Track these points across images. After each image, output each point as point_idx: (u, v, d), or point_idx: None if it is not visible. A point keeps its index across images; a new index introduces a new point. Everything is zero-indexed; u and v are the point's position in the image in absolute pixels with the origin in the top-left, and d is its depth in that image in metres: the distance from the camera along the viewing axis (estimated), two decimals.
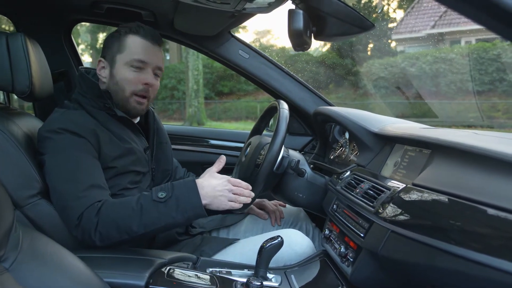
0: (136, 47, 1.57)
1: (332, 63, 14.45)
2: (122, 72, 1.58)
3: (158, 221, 1.37)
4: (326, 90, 14.86)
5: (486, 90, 12.30)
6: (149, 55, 1.58)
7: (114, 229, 1.36)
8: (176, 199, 1.38)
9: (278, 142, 1.60)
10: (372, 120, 1.77)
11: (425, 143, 1.30)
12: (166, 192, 1.39)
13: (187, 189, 1.41)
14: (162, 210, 1.37)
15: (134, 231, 1.36)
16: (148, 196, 1.40)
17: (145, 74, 1.58)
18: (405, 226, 1.11)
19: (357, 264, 1.30)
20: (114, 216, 1.36)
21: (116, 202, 1.41)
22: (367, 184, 1.46)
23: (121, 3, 1.97)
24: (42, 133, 1.49)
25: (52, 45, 2.17)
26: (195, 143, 2.46)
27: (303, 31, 1.24)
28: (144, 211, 1.36)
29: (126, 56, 1.57)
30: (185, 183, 1.43)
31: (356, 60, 13.37)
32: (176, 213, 1.38)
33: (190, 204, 1.39)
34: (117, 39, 1.60)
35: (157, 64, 1.61)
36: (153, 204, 1.37)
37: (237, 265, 1.49)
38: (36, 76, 1.56)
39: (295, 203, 1.82)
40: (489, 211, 0.90)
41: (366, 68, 13.50)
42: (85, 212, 1.37)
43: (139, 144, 1.65)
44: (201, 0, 1.31)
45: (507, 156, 0.95)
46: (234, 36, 2.23)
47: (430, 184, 1.13)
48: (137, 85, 1.58)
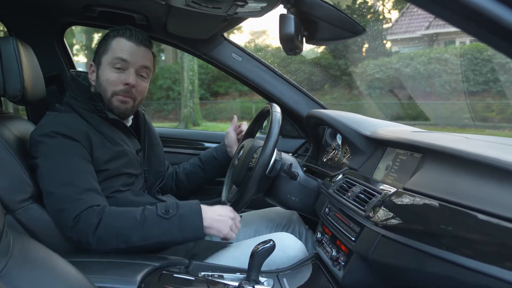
0: (118, 48, 1.58)
1: (327, 64, 14.47)
2: (105, 73, 1.58)
3: (158, 236, 1.40)
4: (321, 90, 14.87)
5: (480, 90, 12.34)
6: (132, 55, 1.58)
7: (114, 235, 1.37)
8: (180, 218, 1.42)
9: (271, 146, 1.60)
10: (364, 123, 1.77)
11: (416, 147, 1.31)
12: (171, 210, 1.43)
13: (191, 211, 1.45)
14: (165, 226, 1.41)
15: (133, 241, 1.38)
16: (153, 210, 1.43)
17: (126, 75, 1.58)
18: (396, 230, 1.11)
19: (348, 268, 1.30)
20: (116, 223, 1.38)
21: (120, 210, 1.43)
22: (358, 187, 1.47)
23: (113, 6, 1.97)
24: (35, 137, 1.48)
25: (44, 48, 2.16)
26: (188, 146, 2.46)
27: (294, 36, 1.24)
28: (147, 223, 1.39)
29: (109, 57, 1.58)
30: (190, 205, 1.48)
31: (351, 60, 13.40)
32: (176, 232, 1.41)
33: (191, 225, 1.43)
34: (105, 42, 1.61)
35: (141, 63, 1.60)
36: (157, 218, 1.41)
37: (230, 269, 1.49)
38: (28, 80, 1.55)
39: (288, 206, 1.82)
40: (479, 216, 0.90)
41: (361, 69, 13.53)
42: (83, 214, 1.37)
43: (131, 146, 1.65)
44: (192, 4, 1.31)
45: (497, 162, 0.95)
46: (227, 39, 2.23)
47: (421, 188, 1.14)
48: (117, 85, 1.58)
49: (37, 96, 1.66)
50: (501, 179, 0.93)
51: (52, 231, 1.43)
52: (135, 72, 1.60)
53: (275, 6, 1.34)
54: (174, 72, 18.79)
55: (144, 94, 1.68)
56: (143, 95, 1.68)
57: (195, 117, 16.72)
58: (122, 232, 1.37)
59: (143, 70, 1.63)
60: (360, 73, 13.73)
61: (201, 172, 2.02)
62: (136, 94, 1.63)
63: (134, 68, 1.59)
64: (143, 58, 1.61)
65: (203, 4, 1.31)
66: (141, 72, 1.62)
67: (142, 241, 1.39)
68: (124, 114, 1.66)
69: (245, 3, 1.29)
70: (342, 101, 14.54)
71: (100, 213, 1.38)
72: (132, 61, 1.58)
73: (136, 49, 1.59)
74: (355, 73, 14.08)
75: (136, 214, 1.40)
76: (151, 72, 1.68)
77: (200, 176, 2.03)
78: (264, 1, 1.29)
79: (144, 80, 1.65)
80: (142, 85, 1.64)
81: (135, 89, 1.61)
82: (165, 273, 1.30)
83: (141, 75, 1.63)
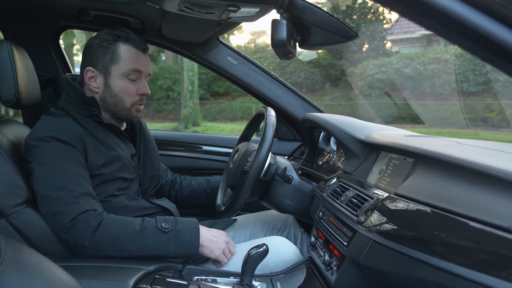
0: (130, 57, 1.59)
1: (328, 64, 14.46)
2: (120, 84, 1.60)
3: (154, 248, 1.42)
4: (322, 90, 14.86)
5: (480, 91, 12.32)
6: (143, 64, 1.62)
7: (111, 243, 1.38)
8: (177, 233, 1.44)
9: (265, 149, 1.60)
10: (358, 127, 1.77)
11: (408, 151, 1.31)
12: (170, 224, 1.45)
13: (189, 228, 1.48)
14: (162, 239, 1.42)
15: (129, 251, 1.39)
16: (152, 222, 1.45)
17: (140, 85, 1.62)
18: (387, 236, 1.12)
19: (340, 273, 1.30)
20: (115, 231, 1.39)
21: (119, 218, 1.44)
22: (352, 192, 1.47)
23: (108, 10, 1.97)
24: (29, 141, 1.49)
25: (40, 51, 2.17)
26: (185, 149, 2.46)
27: (287, 41, 1.25)
28: (145, 235, 1.41)
29: (122, 67, 1.59)
30: (188, 222, 1.50)
31: (350, 61, 13.38)
32: (172, 246, 1.43)
33: (188, 241, 1.46)
34: (108, 48, 1.59)
35: (149, 72, 1.66)
36: (155, 231, 1.42)
37: (223, 273, 1.50)
38: (23, 84, 1.55)
39: (283, 209, 1.82)
40: (469, 224, 0.90)
41: (361, 69, 13.52)
42: (80, 217, 1.38)
43: (126, 151, 1.65)
44: (185, 9, 1.31)
45: (486, 168, 0.95)
46: (222, 42, 2.24)
47: (412, 194, 1.14)
48: (135, 96, 1.62)
49: (32, 99, 1.66)
50: (490, 186, 0.93)
51: (46, 236, 1.43)
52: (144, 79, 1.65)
53: (268, 11, 1.34)
54: (174, 72, 18.82)
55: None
56: None
57: (195, 117, 16.74)
58: (120, 240, 1.38)
59: (148, 77, 1.68)
60: (360, 73, 13.71)
61: (204, 195, 2.03)
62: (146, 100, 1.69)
63: (145, 77, 1.65)
64: (149, 65, 1.67)
65: (195, 9, 1.32)
66: (147, 78, 1.67)
67: (138, 251, 1.40)
68: (138, 121, 1.75)
69: (238, 9, 1.29)
70: (343, 101, 14.52)
71: (100, 218, 1.39)
72: (144, 70, 1.63)
73: (144, 57, 1.63)
74: (355, 74, 14.07)
75: (136, 224, 1.42)
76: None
77: (203, 198, 2.03)
78: (257, 7, 1.29)
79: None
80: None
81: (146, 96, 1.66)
82: (158, 278, 1.31)
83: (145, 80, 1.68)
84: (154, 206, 1.70)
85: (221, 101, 18.82)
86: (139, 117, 1.69)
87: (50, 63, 2.25)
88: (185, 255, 1.49)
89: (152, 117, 19.20)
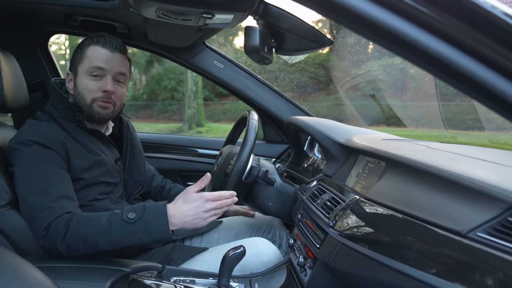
0: (94, 56, 1.59)
1: (331, 65, 14.42)
2: (83, 82, 1.59)
3: (124, 240, 1.39)
4: (326, 90, 14.84)
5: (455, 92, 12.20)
6: (108, 62, 1.59)
7: (81, 242, 1.38)
8: (145, 221, 1.40)
9: (246, 152, 1.63)
10: (340, 130, 1.79)
11: (380, 155, 1.33)
12: (136, 213, 1.41)
13: (157, 214, 1.42)
14: (130, 230, 1.39)
15: (100, 247, 1.38)
16: (118, 215, 1.42)
17: (104, 82, 1.59)
18: (353, 239, 1.14)
19: (312, 274, 1.33)
20: (82, 231, 1.38)
21: (85, 216, 1.42)
22: (327, 195, 1.49)
23: (94, 16, 2.00)
24: (12, 144, 1.51)
25: (28, 56, 2.20)
26: (173, 151, 2.49)
27: (260, 47, 1.27)
28: (112, 229, 1.38)
29: (85, 65, 1.59)
30: (156, 207, 1.45)
31: (354, 62, 13.35)
32: (142, 235, 1.39)
33: (157, 228, 1.41)
34: (80, 51, 1.62)
35: (117, 70, 1.61)
36: (121, 223, 1.39)
37: (202, 274, 1.52)
38: (9, 88, 1.58)
39: (265, 211, 1.85)
40: (426, 227, 0.92)
41: (365, 70, 13.47)
42: (53, 223, 1.38)
43: (109, 155, 1.67)
44: (162, 16, 1.34)
45: (444, 173, 0.97)
46: (208, 46, 2.26)
47: (378, 198, 1.16)
48: (96, 93, 1.59)
49: (19, 103, 1.69)
50: (448, 190, 0.96)
51: (28, 237, 1.45)
52: (112, 78, 1.61)
53: (243, 17, 1.36)
54: (178, 73, 18.84)
55: (123, 99, 1.69)
56: (122, 100, 1.69)
57: (199, 118, 16.76)
58: (89, 238, 1.38)
59: (120, 76, 1.63)
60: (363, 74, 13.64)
61: None
62: (115, 100, 1.64)
63: (111, 75, 1.60)
64: (119, 64, 1.62)
65: (172, 16, 1.34)
66: (117, 78, 1.63)
67: (109, 245, 1.38)
68: (104, 119, 1.67)
69: (213, 16, 1.31)
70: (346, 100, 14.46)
71: (68, 221, 1.38)
72: (108, 68, 1.59)
73: (111, 56, 1.60)
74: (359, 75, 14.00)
75: (102, 219, 1.40)
76: (128, 78, 1.69)
77: None
78: (231, 13, 1.31)
79: (122, 85, 1.66)
80: (120, 91, 1.65)
81: (113, 95, 1.62)
82: (134, 279, 1.33)
83: (118, 80, 1.64)
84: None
85: (225, 102, 18.82)
86: (102, 114, 1.63)
87: (38, 67, 2.29)
88: (161, 241, 1.46)
89: (157, 118, 19.25)
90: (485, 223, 0.82)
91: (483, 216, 0.83)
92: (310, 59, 14.69)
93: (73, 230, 1.37)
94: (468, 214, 0.87)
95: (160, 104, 19.66)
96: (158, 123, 17.79)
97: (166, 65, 19.86)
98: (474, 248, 0.80)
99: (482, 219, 0.83)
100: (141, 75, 21.32)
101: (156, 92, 19.95)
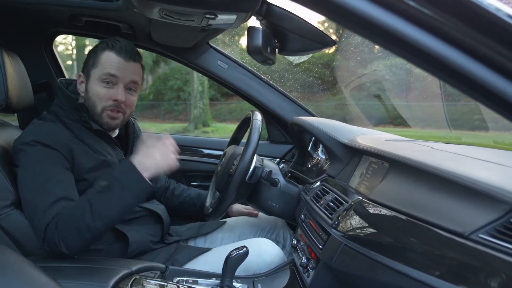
0: (108, 63, 1.58)
1: (336, 65, 14.39)
2: (95, 88, 1.59)
3: (110, 208, 1.39)
4: (333, 90, 14.81)
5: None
6: (121, 70, 1.58)
7: (73, 231, 1.36)
8: (118, 181, 1.40)
9: (249, 153, 1.63)
10: (344, 131, 1.79)
11: (383, 156, 1.33)
12: (107, 181, 1.41)
13: (126, 170, 1.42)
14: (109, 197, 1.39)
15: (92, 226, 1.36)
16: (92, 190, 1.42)
17: (115, 90, 1.59)
18: (355, 240, 1.14)
19: (315, 275, 1.33)
20: (69, 220, 1.37)
21: (67, 206, 1.41)
22: (331, 195, 1.49)
23: (99, 16, 2.01)
24: (16, 145, 1.52)
25: (33, 57, 2.22)
26: (178, 151, 2.49)
27: (262, 48, 1.27)
28: (94, 204, 1.37)
29: (99, 71, 1.58)
30: (122, 165, 1.47)
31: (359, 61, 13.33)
32: (124, 195, 1.39)
33: (133, 182, 1.40)
34: (94, 54, 1.61)
35: (130, 79, 1.61)
36: (99, 195, 1.39)
37: (205, 274, 1.52)
38: (13, 89, 1.59)
39: (269, 212, 1.85)
40: (428, 228, 0.92)
41: (370, 70, 13.44)
42: (49, 226, 1.38)
43: (114, 156, 1.67)
44: (166, 16, 1.34)
45: (447, 174, 0.97)
46: (212, 46, 2.27)
47: (381, 199, 1.16)
48: (107, 101, 1.59)
49: (24, 104, 1.70)
50: (450, 191, 0.95)
51: (32, 237, 1.46)
52: (124, 87, 1.60)
53: (247, 18, 1.36)
54: (184, 73, 18.87)
55: (133, 107, 1.69)
56: (132, 108, 1.69)
57: (205, 117, 16.79)
58: (79, 225, 1.36)
59: (132, 85, 1.63)
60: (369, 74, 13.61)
61: (193, 208, 2.04)
62: (125, 109, 1.64)
63: (123, 83, 1.60)
64: (132, 73, 1.61)
65: (175, 16, 1.34)
66: (129, 86, 1.63)
67: (100, 220, 1.37)
68: (113, 129, 1.69)
69: (215, 16, 1.31)
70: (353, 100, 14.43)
71: (55, 220, 1.37)
72: (121, 76, 1.58)
73: (125, 64, 1.59)
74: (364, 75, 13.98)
75: (81, 202, 1.40)
76: (139, 86, 1.69)
77: (192, 212, 2.05)
78: (234, 14, 1.31)
79: (133, 93, 1.66)
80: (130, 99, 1.65)
81: (124, 104, 1.62)
82: (137, 279, 1.33)
83: (130, 88, 1.64)
84: (142, 210, 1.70)
85: (231, 102, 18.84)
86: (111, 125, 1.64)
87: (43, 68, 2.30)
88: (142, 192, 1.44)
89: (163, 118, 19.30)
90: (487, 224, 0.81)
91: (485, 217, 0.82)
92: (315, 59, 14.67)
93: (61, 225, 1.36)
94: (471, 215, 0.86)
95: (166, 104, 19.71)
96: (164, 123, 17.83)
97: (172, 65, 19.90)
98: (476, 250, 0.79)
99: (484, 221, 0.82)
100: (148, 75, 21.37)
101: (162, 92, 20.01)
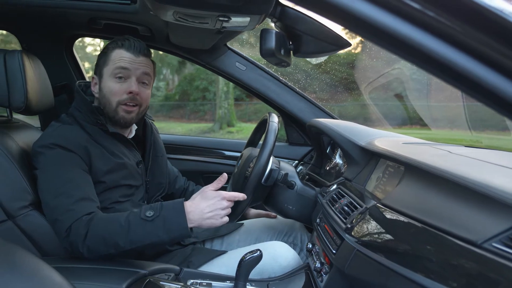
0: (118, 58, 1.60)
1: (364, 66, 14.26)
2: (108, 84, 1.61)
3: (143, 238, 1.41)
4: (357, 90, 14.66)
5: None
6: (132, 63, 1.60)
7: (101, 243, 1.40)
8: (163, 219, 1.42)
9: (265, 155, 1.61)
10: (361, 133, 1.76)
11: (399, 160, 1.30)
12: (154, 211, 1.43)
13: (175, 211, 1.44)
14: (149, 228, 1.41)
15: (121, 246, 1.40)
16: (137, 213, 1.44)
17: (128, 83, 1.60)
18: (368, 245, 1.11)
19: (328, 280, 1.31)
20: (102, 231, 1.40)
21: (105, 217, 1.45)
22: (346, 199, 1.46)
23: (117, 19, 2.03)
24: (35, 148, 1.54)
25: (54, 59, 2.26)
26: (196, 153, 2.50)
27: (275, 50, 1.25)
28: (132, 228, 1.41)
29: (110, 68, 1.60)
30: (173, 204, 1.47)
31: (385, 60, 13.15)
32: (162, 233, 1.41)
33: (176, 225, 1.43)
34: (104, 54, 1.63)
35: (142, 71, 1.62)
36: (140, 221, 1.42)
37: (220, 277, 1.51)
38: (33, 91, 1.62)
39: (286, 214, 1.83)
40: (441, 236, 0.89)
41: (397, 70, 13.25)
42: (73, 225, 1.41)
43: (131, 158, 1.69)
44: (180, 19, 1.34)
45: (462, 180, 0.94)
46: (230, 48, 2.27)
47: (395, 204, 1.13)
48: (122, 95, 1.60)
49: (44, 106, 1.73)
50: (465, 198, 0.92)
51: (49, 237, 1.49)
52: (137, 80, 1.61)
53: (261, 20, 1.35)
54: (210, 73, 18.89)
55: (148, 101, 1.70)
56: (147, 102, 1.69)
57: (229, 118, 16.83)
58: (109, 238, 1.40)
59: (145, 77, 1.64)
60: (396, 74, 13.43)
61: None
62: (141, 101, 1.65)
63: (135, 76, 1.61)
64: (143, 65, 1.63)
65: (189, 19, 1.34)
66: (142, 79, 1.64)
67: (129, 245, 1.40)
68: (129, 123, 1.69)
69: (229, 19, 1.31)
70: (378, 101, 14.28)
71: (88, 223, 1.41)
72: (132, 68, 1.60)
73: (135, 59, 1.60)
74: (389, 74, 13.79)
75: (121, 219, 1.42)
76: (152, 80, 1.70)
77: None
78: (247, 16, 1.30)
79: (147, 87, 1.66)
80: (145, 92, 1.66)
81: (139, 96, 1.63)
82: (151, 281, 1.33)
83: (143, 82, 1.64)
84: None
85: (256, 102, 18.81)
86: (127, 119, 1.65)
87: (64, 70, 2.34)
88: (179, 238, 1.47)
89: (189, 118, 19.44)
90: (501, 233, 0.78)
91: (499, 226, 0.79)
92: (341, 58, 14.54)
93: (93, 231, 1.40)
94: (484, 223, 0.83)
95: (192, 104, 19.84)
96: (190, 123, 17.95)
97: (197, 66, 20.00)
98: (489, 259, 0.76)
99: (498, 229, 0.79)
100: (174, 75, 21.57)
101: (188, 92, 20.15)
